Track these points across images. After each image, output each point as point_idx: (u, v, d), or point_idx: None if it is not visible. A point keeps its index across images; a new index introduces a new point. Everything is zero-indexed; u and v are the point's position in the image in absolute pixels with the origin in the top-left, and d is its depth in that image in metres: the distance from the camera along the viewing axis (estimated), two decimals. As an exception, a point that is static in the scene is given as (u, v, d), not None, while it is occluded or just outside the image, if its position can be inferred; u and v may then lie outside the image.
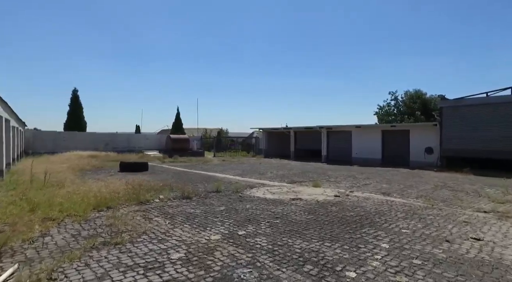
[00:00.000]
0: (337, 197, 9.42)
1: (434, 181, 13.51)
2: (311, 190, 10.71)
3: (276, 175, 15.65)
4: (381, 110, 37.55)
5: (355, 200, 9.03)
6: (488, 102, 17.29)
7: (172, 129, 37.30)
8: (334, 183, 12.66)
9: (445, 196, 9.93)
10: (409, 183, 12.81)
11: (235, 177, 14.47)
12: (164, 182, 11.80)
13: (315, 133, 26.98)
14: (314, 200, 8.89)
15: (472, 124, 17.58)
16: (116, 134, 30.40)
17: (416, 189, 11.27)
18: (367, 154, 22.36)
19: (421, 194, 10.22)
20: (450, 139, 18.29)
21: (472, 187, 11.97)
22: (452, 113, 18.29)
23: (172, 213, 7.18)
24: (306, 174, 16.15)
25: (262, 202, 8.55)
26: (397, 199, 9.21)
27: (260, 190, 10.70)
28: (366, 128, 23.27)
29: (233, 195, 9.77)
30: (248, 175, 15.36)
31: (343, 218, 6.85)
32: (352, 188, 11.26)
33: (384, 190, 10.83)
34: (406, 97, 35.40)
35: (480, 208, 8.26)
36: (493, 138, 16.94)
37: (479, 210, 8.00)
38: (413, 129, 20.38)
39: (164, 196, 9.01)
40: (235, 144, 38.69)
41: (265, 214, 7.14)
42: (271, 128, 31.87)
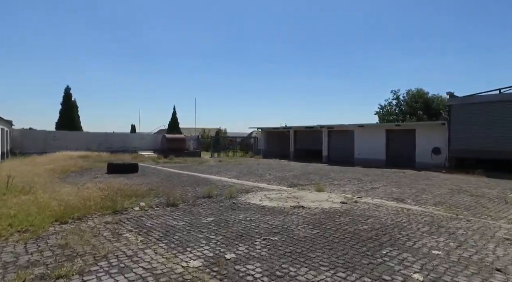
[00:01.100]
0: (344, 204, 8.12)
1: (447, 184, 12.22)
2: (314, 195, 9.40)
3: (275, 177, 14.35)
4: (382, 110, 36.26)
5: (366, 207, 7.72)
6: (502, 100, 15.99)
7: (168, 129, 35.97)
8: (338, 187, 11.36)
9: (466, 202, 8.63)
10: (421, 186, 11.50)
11: (231, 180, 13.17)
12: (151, 186, 10.50)
13: (315, 133, 25.69)
14: (318, 208, 7.58)
15: (484, 123, 16.29)
16: (110, 134, 29.04)
17: (430, 193, 9.97)
18: (370, 154, 21.06)
19: (438, 200, 8.92)
20: (459, 139, 16.99)
21: (491, 191, 10.68)
22: (461, 111, 17.00)
23: (150, 226, 5.87)
24: (307, 176, 14.85)
25: (258, 211, 7.24)
26: (413, 207, 7.91)
27: (257, 195, 9.39)
28: (369, 128, 21.98)
29: (225, 201, 8.46)
30: (245, 177, 14.06)
31: (356, 233, 5.55)
32: (360, 193, 9.95)
33: (395, 195, 9.53)
34: (408, 97, 34.14)
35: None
36: (506, 138, 15.65)
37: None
38: (419, 129, 19.07)
39: (145, 204, 7.69)
40: (233, 143, 37.36)
41: (261, 228, 5.83)
42: (270, 128, 30.58)
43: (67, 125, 29.79)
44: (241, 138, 39.40)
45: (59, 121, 30.98)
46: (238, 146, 37.72)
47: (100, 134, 28.37)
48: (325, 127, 24.27)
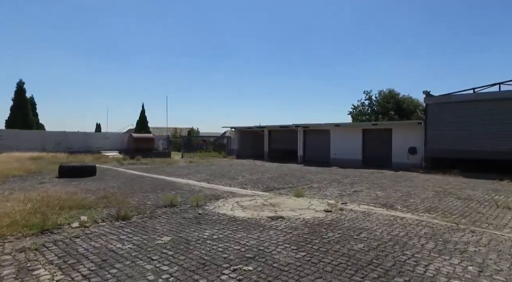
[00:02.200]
0: (329, 213, 6.95)
1: (429, 185, 11.46)
2: (293, 202, 8.18)
3: (249, 179, 13.03)
4: (355, 110, 36.04)
5: (354, 217, 6.59)
6: (477, 99, 15.66)
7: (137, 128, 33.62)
8: (318, 190, 10.23)
9: (458, 207, 7.75)
10: (405, 189, 10.63)
11: (200, 183, 11.70)
12: (105, 193, 8.83)
13: (290, 133, 24.66)
14: (300, 219, 6.35)
15: (459, 123, 15.89)
16: (70, 134, 26.37)
17: (417, 197, 9.06)
18: (347, 154, 20.28)
19: (428, 205, 7.98)
20: (436, 139, 16.52)
21: (475, 193, 9.98)
22: (437, 110, 16.54)
23: (82, 253, 4.35)
24: (283, 178, 13.66)
25: (228, 225, 5.89)
26: (405, 214, 6.88)
27: (228, 203, 8.03)
28: (346, 127, 21.22)
29: (190, 211, 7.03)
30: (216, 180, 12.64)
31: (352, 256, 4.34)
32: (343, 198, 8.85)
33: (382, 200, 8.51)
34: (380, 97, 34.11)
35: (517, 226, 6.11)
36: (481, 137, 15.31)
37: (518, 230, 5.82)
38: (396, 128, 18.50)
39: (89, 218, 6.10)
40: (206, 143, 35.65)
41: (231, 251, 4.48)
42: (244, 127, 29.25)
43: (20, 123, 26.73)
44: (215, 138, 37.75)
45: (10, 119, 27.76)
46: (211, 146, 36.10)
47: (58, 134, 25.68)
48: (300, 126, 23.29)
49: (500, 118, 14.92)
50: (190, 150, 31.40)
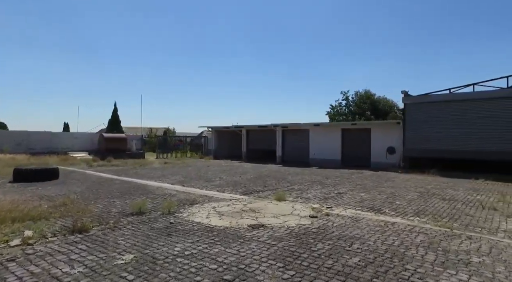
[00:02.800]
0: (315, 219, 6.32)
1: (411, 186, 11.17)
2: (275, 207, 7.50)
3: (226, 182, 12.26)
4: (333, 110, 36.09)
5: (342, 223, 5.99)
6: (452, 99, 15.70)
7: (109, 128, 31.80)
8: (300, 193, 9.62)
9: (445, 210, 7.37)
10: (387, 190, 10.25)
11: (174, 186, 10.80)
12: (63, 200, 7.77)
13: (269, 133, 24.07)
14: (284, 227, 5.67)
15: (436, 123, 15.89)
16: (33, 133, 24.31)
17: (402, 199, 8.65)
18: (326, 154, 19.92)
19: (415, 207, 7.56)
20: (414, 139, 16.45)
21: (457, 193, 9.74)
22: (415, 110, 16.48)
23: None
24: (263, 179, 12.98)
25: (204, 237, 5.10)
26: (395, 219, 6.37)
27: (204, 209, 7.23)
28: (325, 127, 20.87)
29: (161, 220, 6.18)
30: (192, 183, 11.77)
31: (348, 273, 3.69)
32: (327, 201, 8.28)
33: (368, 203, 8.00)
34: (356, 98, 34.31)
35: (509, 230, 5.75)
36: (458, 137, 15.35)
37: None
38: (375, 128, 18.32)
39: (36, 232, 5.12)
40: (182, 144, 34.42)
41: (205, 272, 3.71)
42: (221, 127, 28.36)
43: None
44: (192, 138, 36.58)
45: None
46: (188, 146, 34.94)
47: (19, 133, 23.63)
48: (279, 126, 22.74)
49: (474, 118, 15.01)
50: (166, 150, 30.13)
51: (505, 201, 8.53)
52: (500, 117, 14.48)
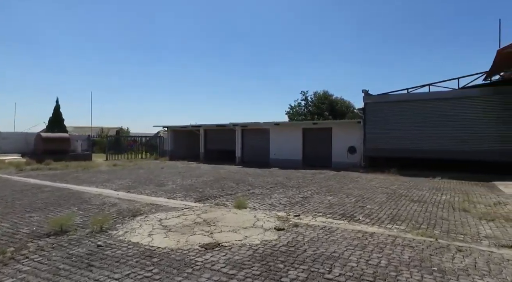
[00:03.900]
0: (281, 231, 5.24)
1: (375, 186, 10.64)
2: (234, 217, 6.31)
3: (180, 186, 10.83)
4: (292, 110, 35.82)
5: (315, 237, 4.98)
6: (409, 99, 15.72)
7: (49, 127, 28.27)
8: (262, 198, 8.54)
9: (419, 214, 6.72)
10: (354, 191, 9.55)
11: (117, 193, 9.16)
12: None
13: (228, 132, 22.82)
14: (246, 246, 4.51)
15: (395, 122, 15.81)
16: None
17: (372, 202, 7.93)
18: (287, 154, 19.16)
19: (389, 212, 6.82)
20: (374, 138, 16.25)
21: (423, 193, 9.33)
22: (375, 110, 16.29)
23: None
24: (221, 182, 11.73)
25: (138, 268, 3.76)
26: (373, 228, 5.50)
27: (148, 223, 5.82)
28: (286, 126, 20.12)
29: (85, 242, 4.69)
30: (140, 188, 10.19)
31: (336, 321, 2.63)
32: (293, 207, 7.28)
33: (338, 208, 7.13)
34: (315, 98, 34.35)
35: (490, 235, 5.17)
36: (413, 137, 15.37)
37: (498, 243, 4.82)
38: (336, 128, 17.90)
39: None
40: (135, 144, 31.88)
41: None
42: (178, 127, 26.54)
43: None
44: (148, 138, 34.06)
45: None
46: (143, 147, 32.46)
47: None
48: (238, 125, 21.59)
49: (429, 118, 15.12)
50: (119, 151, 27.57)
51: (470, 200, 8.20)
52: (452, 117, 14.70)
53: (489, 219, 6.30)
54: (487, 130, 14.06)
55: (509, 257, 4.24)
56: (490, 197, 8.81)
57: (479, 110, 14.25)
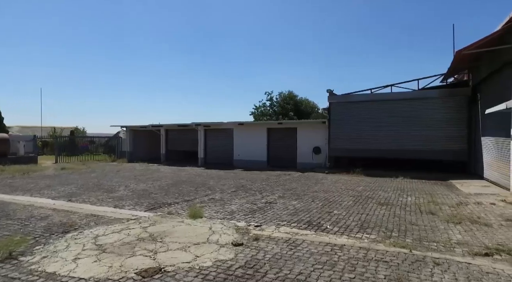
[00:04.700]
0: (240, 247, 4.47)
1: (341, 188, 10.24)
2: (186, 229, 5.42)
3: (132, 191, 9.68)
4: (257, 110, 35.27)
5: (277, 253, 4.26)
6: (372, 100, 15.70)
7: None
8: (222, 205, 7.72)
9: (388, 219, 6.28)
10: (320, 194, 9.03)
11: (54, 202, 7.85)
12: None
13: (190, 132, 21.65)
14: (195, 271, 3.66)
15: (359, 122, 15.70)
16: None
17: (339, 206, 7.42)
18: (251, 155, 18.46)
19: (357, 218, 6.31)
20: (338, 138, 16.04)
21: (389, 195, 9.05)
22: (340, 110, 16.09)
23: None
24: (179, 187, 10.73)
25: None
26: (342, 239, 4.90)
27: (78, 242, 4.76)
28: (250, 126, 19.39)
29: (-15, 274, 3.59)
30: (85, 195, 8.91)
31: None
32: (255, 215, 6.54)
33: (303, 215, 6.49)
34: (280, 98, 34.08)
35: (461, 241, 4.79)
36: (376, 137, 15.36)
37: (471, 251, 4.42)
38: (301, 128, 17.49)
39: None
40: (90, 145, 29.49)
41: None
42: (137, 126, 24.83)
43: None
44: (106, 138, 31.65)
45: None
46: (101, 148, 30.11)
47: None
48: (201, 125, 20.51)
49: (391, 118, 15.18)
50: (73, 153, 25.25)
51: (435, 202, 8.00)
52: (412, 117, 14.86)
53: (456, 222, 6.02)
54: (443, 130, 14.37)
55: (488, 269, 3.81)
56: (451, 197, 8.73)
57: (436, 111, 14.52)
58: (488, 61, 11.48)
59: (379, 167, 15.21)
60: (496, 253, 4.40)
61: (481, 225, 5.86)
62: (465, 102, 14.05)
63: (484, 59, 11.77)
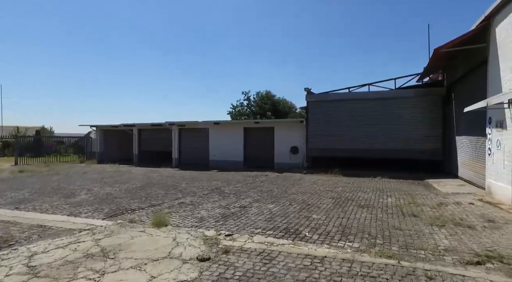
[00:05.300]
0: (206, 263, 3.79)
1: (320, 190, 9.75)
2: (147, 242, 4.67)
3: (95, 196, 8.74)
4: (234, 110, 34.56)
5: (249, 270, 3.62)
6: (350, 98, 15.42)
7: None
8: (192, 209, 6.99)
9: (371, 223, 5.81)
10: (298, 197, 8.49)
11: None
12: None
13: (164, 132, 20.61)
14: (146, 298, 2.97)
15: (336, 121, 15.38)
16: None
17: (318, 209, 6.89)
18: (228, 155, 17.74)
19: (337, 223, 5.79)
20: (316, 138, 15.64)
21: (369, 196, 8.67)
22: (317, 109, 15.70)
23: None
24: (147, 190, 9.86)
25: None
26: (323, 249, 4.34)
27: (5, 264, 3.90)
28: (226, 126, 18.63)
29: None
30: (37, 202, 7.88)
31: None
32: (227, 221, 5.87)
33: (280, 221, 5.89)
34: (258, 98, 33.54)
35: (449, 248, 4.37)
36: (354, 136, 15.10)
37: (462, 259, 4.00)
38: (278, 127, 16.97)
39: None
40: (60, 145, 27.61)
41: None
42: (108, 126, 23.44)
43: None
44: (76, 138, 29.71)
45: None
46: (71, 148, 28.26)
47: None
48: (175, 124, 19.53)
49: (369, 117, 14.97)
50: (39, 154, 23.43)
51: (415, 203, 7.67)
52: (389, 116, 14.71)
53: (440, 225, 5.66)
54: (418, 130, 14.31)
55: (483, 281, 3.37)
56: (431, 197, 8.46)
57: (412, 110, 14.45)
58: (461, 61, 11.44)
59: (357, 166, 14.96)
60: (488, 260, 4.01)
61: (465, 228, 5.53)
62: (440, 102, 14.06)
63: (458, 59, 11.73)
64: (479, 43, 9.35)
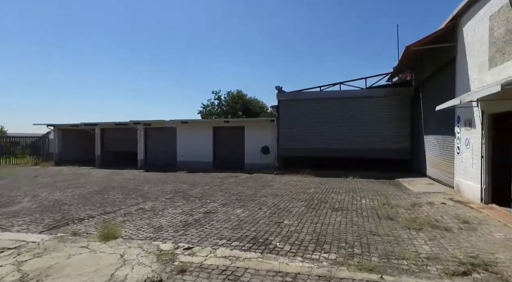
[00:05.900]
0: (155, 288, 3.07)
1: (292, 191, 9.24)
2: (85, 261, 3.83)
3: (39, 203, 7.60)
4: (205, 109, 33.48)
5: (207, 295, 2.95)
6: (321, 97, 15.13)
7: None
8: (151, 216, 6.17)
9: (347, 229, 5.33)
10: (269, 200, 7.89)
11: None
12: None
13: (130, 132, 19.27)
14: None
15: (307, 121, 15.01)
16: None
17: (290, 214, 6.33)
18: (196, 156, 16.84)
19: (311, 229, 5.25)
20: (287, 137, 15.20)
21: (341, 197, 8.27)
22: (289, 107, 15.26)
23: None
24: (105, 194, 8.83)
25: None
26: (295, 263, 3.74)
27: None
28: (195, 125, 17.67)
29: None
30: (-35, 211, 6.66)
31: None
32: (188, 231, 5.13)
33: (248, 229, 5.25)
34: (229, 97, 32.74)
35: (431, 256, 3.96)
36: (325, 136, 14.83)
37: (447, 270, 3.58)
38: (249, 126, 16.32)
39: None
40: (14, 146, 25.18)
41: None
42: (67, 125, 21.59)
43: None
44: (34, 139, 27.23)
45: None
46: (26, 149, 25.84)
47: None
48: (140, 123, 18.30)
49: (339, 117, 14.77)
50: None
51: (389, 204, 7.35)
52: (360, 115, 14.59)
53: (418, 228, 5.31)
54: (388, 129, 14.31)
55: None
56: (404, 197, 8.22)
57: (382, 110, 14.42)
58: (430, 60, 11.46)
59: (328, 166, 14.69)
60: (473, 270, 3.63)
61: (442, 230, 5.21)
62: (408, 102, 14.13)
63: (426, 59, 11.77)
64: (447, 42, 9.30)
